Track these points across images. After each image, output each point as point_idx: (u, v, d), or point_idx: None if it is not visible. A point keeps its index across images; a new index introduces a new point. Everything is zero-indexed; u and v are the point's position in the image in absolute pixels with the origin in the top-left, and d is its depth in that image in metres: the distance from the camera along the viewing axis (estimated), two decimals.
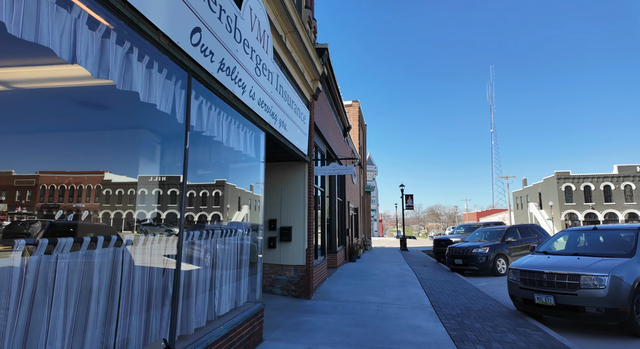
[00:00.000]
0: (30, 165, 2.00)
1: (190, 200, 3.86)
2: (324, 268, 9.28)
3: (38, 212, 2.08)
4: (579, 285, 5.21)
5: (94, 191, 2.36)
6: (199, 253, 3.41)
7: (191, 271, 3.23)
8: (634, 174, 43.27)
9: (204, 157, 4.00)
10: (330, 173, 7.58)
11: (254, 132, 4.69)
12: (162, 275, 2.81)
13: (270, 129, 5.06)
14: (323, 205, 10.22)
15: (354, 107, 22.09)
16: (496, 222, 17.65)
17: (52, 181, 2.13)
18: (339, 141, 13.07)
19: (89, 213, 2.39)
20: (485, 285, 9.98)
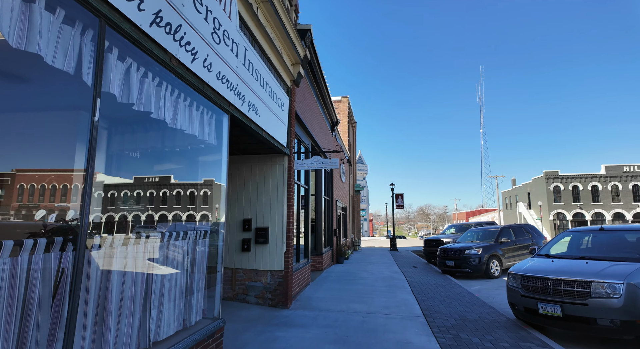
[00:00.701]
0: None
1: (139, 198, 3.07)
2: (306, 271, 8.53)
3: None
4: (589, 293, 4.58)
5: None
6: (124, 263, 2.62)
7: (109, 288, 2.43)
8: (621, 174, 43.68)
9: (144, 140, 3.21)
10: (312, 167, 6.84)
11: (213, 113, 3.91)
12: (51, 299, 2.01)
13: (236, 112, 4.28)
14: (307, 203, 9.47)
15: (344, 103, 21.38)
16: (488, 222, 17.17)
17: None
18: (325, 136, 12.33)
19: None
20: (479, 288, 9.37)
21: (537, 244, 12.83)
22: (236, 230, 6.70)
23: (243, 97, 4.37)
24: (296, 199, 8.31)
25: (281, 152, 6.52)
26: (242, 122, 4.52)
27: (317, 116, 10.51)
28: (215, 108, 3.91)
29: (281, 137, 6.21)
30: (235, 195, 6.84)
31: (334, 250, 14.10)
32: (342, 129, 21.18)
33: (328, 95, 11.33)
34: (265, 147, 6.32)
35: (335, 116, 13.72)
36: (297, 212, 8.39)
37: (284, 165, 6.75)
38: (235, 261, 6.62)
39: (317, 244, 11.44)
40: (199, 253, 3.66)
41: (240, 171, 6.90)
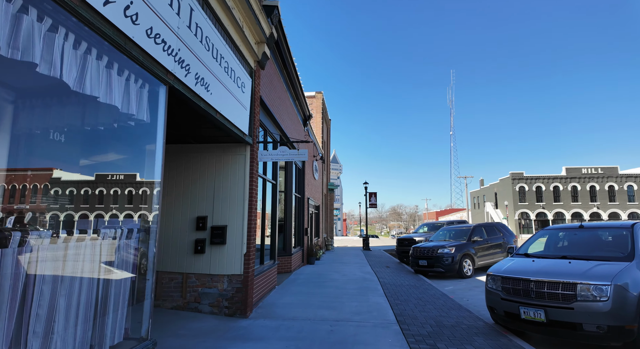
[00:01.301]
0: None
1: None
2: (271, 275, 7.81)
3: None
4: (575, 296, 4.20)
5: None
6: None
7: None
8: (580, 175, 46.13)
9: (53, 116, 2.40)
10: (278, 158, 6.13)
11: (145, 82, 3.13)
12: None
13: (178, 84, 3.51)
14: (275, 200, 8.75)
15: (318, 98, 20.77)
16: (459, 220, 17.17)
17: None
18: (297, 129, 11.64)
19: None
20: (453, 289, 9.04)
21: (508, 243, 12.82)
22: (188, 229, 5.88)
23: (187, 67, 3.60)
24: (261, 195, 7.57)
25: (242, 141, 5.77)
26: (187, 98, 3.75)
27: (287, 106, 9.80)
28: (148, 75, 3.12)
29: (242, 123, 5.47)
30: (188, 189, 6.00)
31: (305, 250, 13.44)
32: (315, 126, 20.56)
33: (299, 86, 10.65)
34: (224, 135, 5.54)
35: (307, 110, 13.05)
36: (262, 209, 7.65)
37: (246, 156, 6.00)
38: (187, 264, 5.79)
39: (286, 245, 10.73)
40: (122, 260, 2.87)
41: (195, 161, 6.07)
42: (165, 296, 5.78)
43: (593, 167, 46.18)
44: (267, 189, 8.08)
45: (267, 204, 8.14)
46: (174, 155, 6.12)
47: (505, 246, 12.65)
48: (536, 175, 47.28)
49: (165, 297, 5.78)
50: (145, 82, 3.13)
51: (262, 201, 7.62)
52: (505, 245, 12.68)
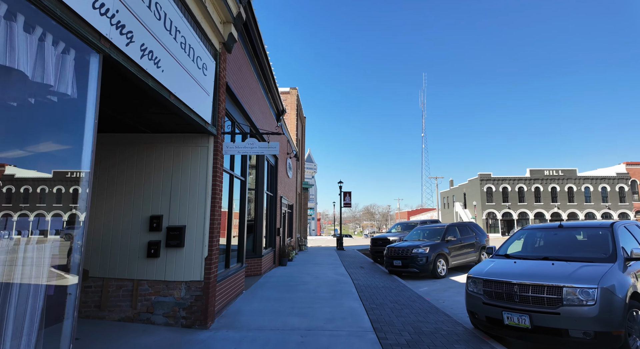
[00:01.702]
0: None
1: None
2: (238, 279, 7.20)
3: None
4: (561, 300, 3.96)
5: None
6: None
7: None
8: (542, 177, 48.49)
9: None
10: (246, 152, 5.54)
11: (70, 47, 2.49)
12: None
13: (117, 54, 2.88)
14: (244, 199, 8.12)
15: (292, 94, 20.18)
16: (432, 220, 17.22)
17: None
18: (269, 123, 11.04)
19: None
20: (428, 290, 8.82)
21: (480, 243, 12.89)
22: (140, 230, 5.17)
23: (130, 35, 2.97)
24: (228, 193, 6.94)
25: (205, 131, 5.14)
26: (131, 74, 3.12)
27: (258, 98, 9.19)
28: (73, 38, 2.48)
29: (204, 110, 4.84)
30: (141, 184, 5.29)
31: (277, 251, 12.85)
32: (290, 123, 19.98)
33: (272, 77, 10.06)
34: (183, 123, 4.90)
35: (281, 104, 12.47)
36: (229, 208, 7.02)
37: (209, 148, 5.37)
38: (139, 270, 5.08)
39: (256, 246, 10.12)
40: (29, 269, 2.22)
41: (149, 153, 5.36)
42: (112, 307, 5.05)
43: (554, 170, 48.71)
44: (235, 186, 7.46)
45: (235, 203, 7.52)
46: (124, 146, 5.38)
47: (477, 245, 12.71)
48: (502, 176, 49.19)
49: (111, 307, 5.05)
50: (70, 47, 2.49)
51: (229, 198, 6.99)
52: (478, 245, 12.74)
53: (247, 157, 8.10)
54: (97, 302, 5.05)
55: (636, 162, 47.63)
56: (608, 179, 47.41)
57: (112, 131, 5.35)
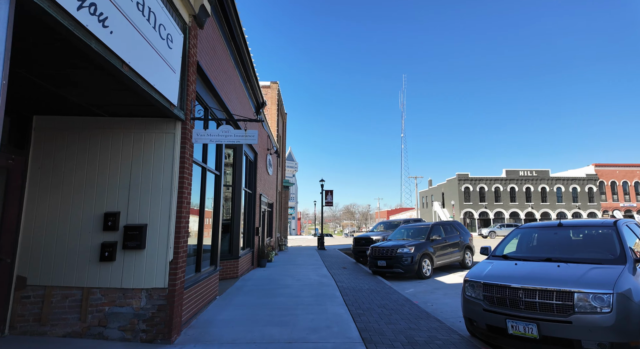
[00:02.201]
0: None
1: None
2: (211, 284, 6.50)
3: None
4: (572, 308, 3.56)
5: None
6: None
7: None
8: (517, 177, 49.87)
9: None
10: (220, 140, 4.87)
11: None
12: None
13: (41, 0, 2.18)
14: (219, 195, 7.41)
15: (273, 89, 19.44)
16: (415, 218, 16.98)
17: None
18: (248, 115, 10.33)
19: None
20: (414, 292, 8.42)
21: (464, 242, 12.69)
22: (92, 230, 4.41)
23: None
24: (199, 188, 6.23)
25: (170, 115, 4.44)
26: (64, 29, 2.42)
27: (236, 87, 8.48)
28: None
29: (169, 90, 4.15)
30: (94, 176, 4.52)
31: (255, 252, 12.15)
32: (270, 118, 19.23)
33: (251, 65, 9.37)
34: (143, 104, 4.18)
35: (261, 96, 11.77)
36: (201, 205, 6.31)
37: (176, 135, 4.67)
38: (90, 276, 4.32)
39: (233, 247, 9.40)
40: None
41: (105, 139, 4.60)
42: (56, 320, 4.26)
43: (528, 170, 50.21)
44: (208, 180, 6.74)
45: (208, 199, 6.81)
46: (75, 131, 4.59)
47: (462, 245, 12.49)
48: (480, 176, 50.23)
49: (55, 321, 4.26)
50: None
51: (201, 194, 6.28)
52: (462, 244, 12.53)
53: (222, 150, 7.39)
54: (37, 315, 4.25)
55: (604, 164, 49.83)
56: (578, 179, 49.36)
57: (60, 112, 4.54)
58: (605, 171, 49.56)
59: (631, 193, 48.79)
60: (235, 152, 9.76)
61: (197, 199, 6.16)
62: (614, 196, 49.06)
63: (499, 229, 38.16)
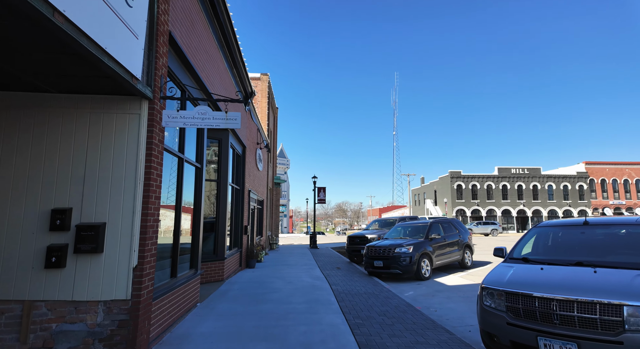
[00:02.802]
0: None
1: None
2: (189, 290, 5.75)
3: None
4: (622, 324, 2.93)
5: None
6: None
7: None
8: (509, 175, 49.90)
9: None
10: (195, 123, 4.12)
11: None
12: None
13: None
14: (199, 190, 6.63)
15: (263, 81, 18.61)
16: (411, 216, 16.41)
17: None
18: (235, 105, 9.55)
19: None
20: (414, 295, 7.79)
21: (463, 240, 12.14)
22: (36, 230, 3.62)
23: None
24: (176, 181, 5.47)
25: (134, 91, 3.67)
26: None
27: (220, 72, 7.69)
28: None
29: (130, 59, 3.37)
30: (39, 165, 3.73)
31: (244, 252, 11.39)
32: (261, 111, 18.40)
33: (238, 50, 8.58)
34: (96, 75, 3.40)
35: (249, 85, 10.98)
36: (177, 200, 5.54)
37: (142, 116, 3.90)
38: (32, 287, 3.54)
39: (218, 247, 8.64)
40: None
41: (52, 121, 3.80)
42: None
43: (520, 168, 50.27)
44: (187, 173, 5.97)
45: (187, 194, 6.04)
46: (14, 110, 3.79)
47: (461, 243, 11.93)
48: (472, 174, 50.11)
49: None
50: None
51: (178, 188, 5.51)
52: (462, 243, 11.97)
53: (203, 139, 6.61)
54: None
55: (594, 162, 50.18)
56: (569, 177, 49.61)
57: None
58: (595, 169, 49.92)
59: (620, 191, 49.26)
60: (221, 144, 8.98)
61: (174, 194, 5.39)
62: (604, 194, 49.47)
63: (476, 226, 38.02)
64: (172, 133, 5.35)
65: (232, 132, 9.50)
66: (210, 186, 8.72)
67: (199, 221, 6.42)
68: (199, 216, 6.43)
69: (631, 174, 49.39)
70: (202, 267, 8.31)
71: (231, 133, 9.45)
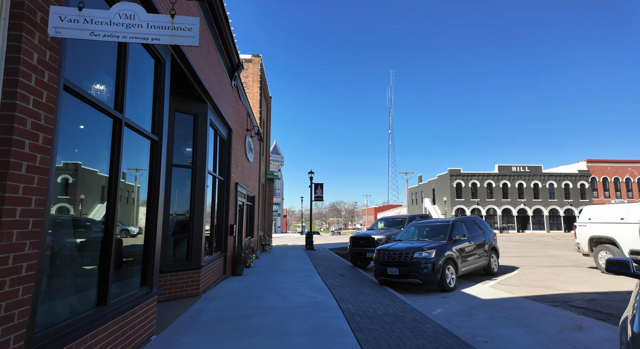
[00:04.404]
0: None
1: None
2: (136, 321, 3.80)
3: None
4: None
5: None
6: None
7: None
8: (510, 173, 48.56)
9: None
10: (112, 34, 2.23)
11: None
12: None
13: None
14: (155, 173, 4.69)
15: (255, 63, 16.64)
16: (422, 215, 14.60)
17: None
18: (220, 81, 7.61)
19: None
20: (444, 314, 5.97)
21: (489, 242, 10.35)
22: None
23: None
24: (109, 153, 3.53)
25: None
26: None
27: None
28: None
29: None
30: None
31: (229, 257, 9.46)
32: (252, 97, 16.45)
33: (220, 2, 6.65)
34: None
35: (236, 55, 9.05)
36: (111, 184, 3.60)
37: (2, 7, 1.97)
38: None
39: (192, 252, 6.70)
40: None
41: None
42: None
43: (521, 166, 48.97)
44: (134, 146, 4.03)
45: (130, 177, 4.10)
46: None
47: (487, 246, 10.14)
48: (472, 172, 48.68)
49: None
50: None
51: (112, 165, 3.56)
52: (488, 245, 10.19)
53: (163, 102, 4.66)
54: None
55: (596, 160, 49.10)
56: (571, 176, 48.45)
57: None
58: (597, 167, 48.83)
59: (622, 189, 48.25)
60: (197, 121, 7.04)
61: (106, 172, 3.46)
62: (606, 193, 48.41)
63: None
64: (102, 78, 3.41)
65: (213, 107, 7.56)
66: (174, 171, 6.77)
67: (155, 218, 4.48)
68: (156, 211, 4.49)
69: (633, 172, 48.40)
70: (171, 279, 6.37)
71: (211, 108, 7.51)
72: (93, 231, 3.33)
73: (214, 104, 7.36)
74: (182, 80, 5.92)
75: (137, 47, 4.09)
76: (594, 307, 6.23)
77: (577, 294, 7.38)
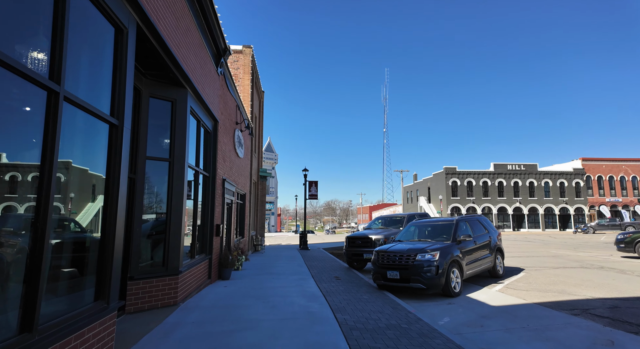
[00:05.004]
0: None
1: None
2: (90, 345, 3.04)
3: None
4: None
5: None
6: None
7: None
8: (505, 171, 48.30)
9: None
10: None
11: None
12: None
13: None
14: (115, 162, 3.91)
15: (246, 54, 15.82)
16: (421, 213, 13.95)
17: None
18: (203, 66, 6.83)
19: None
20: (452, 324, 5.29)
21: (494, 242, 9.72)
22: None
23: None
24: (42, 134, 2.75)
25: None
26: None
27: None
28: None
29: None
30: None
31: (214, 259, 8.69)
32: (243, 89, 15.64)
33: None
34: None
35: (222, 40, 8.27)
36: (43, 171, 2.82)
37: None
38: None
39: (169, 256, 5.93)
40: None
41: None
42: None
43: (516, 164, 48.73)
44: (81, 127, 3.27)
45: (76, 168, 3.34)
46: None
47: (492, 246, 9.51)
48: (468, 170, 48.32)
49: None
50: None
51: (45, 152, 2.79)
52: (493, 245, 9.55)
53: (125, 78, 3.89)
54: None
55: (591, 158, 49.03)
56: (566, 174, 48.34)
57: None
58: (592, 166, 48.78)
59: (617, 188, 48.25)
60: (175, 108, 6.26)
61: (37, 157, 2.69)
62: (600, 191, 48.39)
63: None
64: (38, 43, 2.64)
65: (194, 94, 6.78)
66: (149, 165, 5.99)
67: (114, 217, 3.70)
68: (115, 209, 3.72)
69: (627, 170, 48.44)
70: (144, 286, 5.59)
71: (192, 95, 6.73)
72: (16, 235, 2.56)
73: (195, 89, 6.59)
74: (155, 59, 5.14)
75: (88, 9, 3.32)
76: (619, 316, 5.60)
77: (596, 300, 6.76)
